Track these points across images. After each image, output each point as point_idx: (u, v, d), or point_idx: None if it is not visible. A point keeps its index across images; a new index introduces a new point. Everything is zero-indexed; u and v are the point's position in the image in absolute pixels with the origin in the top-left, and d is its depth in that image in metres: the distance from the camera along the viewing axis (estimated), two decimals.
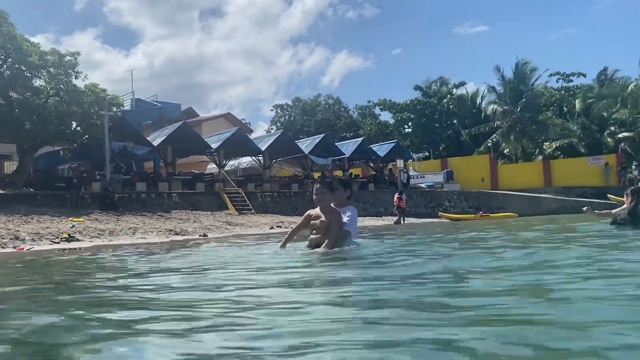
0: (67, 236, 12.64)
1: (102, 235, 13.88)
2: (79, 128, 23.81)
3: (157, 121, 31.58)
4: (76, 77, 23.25)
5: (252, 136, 35.98)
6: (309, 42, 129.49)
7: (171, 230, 15.58)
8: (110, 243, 12.41)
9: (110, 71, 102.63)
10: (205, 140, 28.09)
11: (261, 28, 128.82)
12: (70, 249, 10.60)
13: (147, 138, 26.97)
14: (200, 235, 14.82)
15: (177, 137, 26.16)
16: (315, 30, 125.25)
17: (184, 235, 15.06)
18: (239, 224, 18.77)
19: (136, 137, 25.59)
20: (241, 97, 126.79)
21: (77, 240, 12.65)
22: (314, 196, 5.34)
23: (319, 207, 5.39)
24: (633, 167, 37.55)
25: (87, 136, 23.80)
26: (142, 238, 13.90)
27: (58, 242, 12.08)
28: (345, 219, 5.33)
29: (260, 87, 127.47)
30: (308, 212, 5.57)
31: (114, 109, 24.00)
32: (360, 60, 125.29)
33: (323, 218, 5.30)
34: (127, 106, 34.04)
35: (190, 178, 26.82)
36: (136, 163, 29.88)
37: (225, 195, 24.21)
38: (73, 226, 14.55)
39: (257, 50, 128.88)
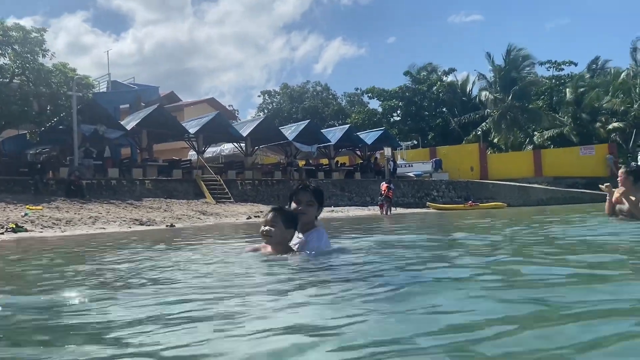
0: (13, 226, 11.36)
1: (57, 225, 12.61)
2: (47, 110, 22.34)
3: (134, 105, 30.05)
4: (43, 56, 21.76)
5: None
6: (303, 29, 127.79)
7: (136, 220, 14.34)
8: (58, 234, 11.13)
9: (99, 55, 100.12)
10: (183, 125, 26.69)
11: (254, 13, 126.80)
12: None
13: (122, 122, 25.50)
14: (167, 226, 13.61)
15: (152, 121, 24.75)
16: (310, 16, 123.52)
17: (150, 225, 13.84)
18: (214, 214, 17.56)
19: (108, 120, 24.13)
20: (232, 83, 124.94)
21: (26, 230, 11.37)
22: (263, 227, 3.86)
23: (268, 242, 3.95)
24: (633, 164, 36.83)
25: (55, 119, 22.35)
26: (101, 228, 12.66)
27: (2, 233, 10.80)
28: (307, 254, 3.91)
29: (252, 74, 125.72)
30: (254, 247, 4.13)
31: (85, 89, 22.49)
32: (354, 48, 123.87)
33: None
34: (103, 88, 32.52)
35: (166, 164, 25.44)
36: (111, 148, 28.39)
37: (203, 183, 22.93)
38: (25, 214, 13.23)
39: (249, 36, 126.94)
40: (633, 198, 6.72)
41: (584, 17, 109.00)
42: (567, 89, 46.62)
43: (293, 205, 4.05)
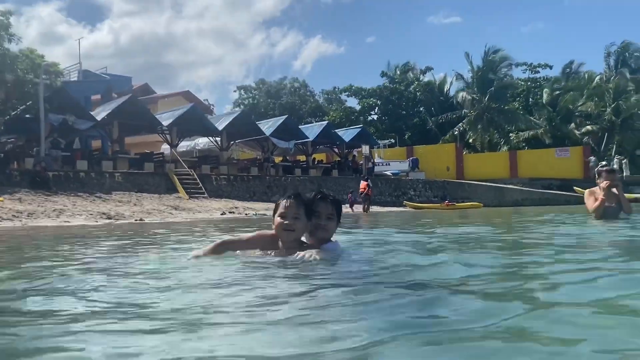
0: None
1: (18, 217, 11.89)
2: (14, 100, 21.39)
3: (106, 95, 29.09)
4: (9, 41, 20.79)
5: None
6: (283, 25, 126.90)
7: (104, 214, 13.67)
8: (18, 226, 10.45)
9: (73, 46, 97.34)
10: (157, 117, 25.88)
11: (234, 8, 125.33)
12: None
13: (92, 113, 24.57)
14: (136, 220, 12.98)
15: (124, 112, 23.90)
16: (290, 13, 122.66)
17: (118, 219, 13.19)
18: (186, 209, 16.97)
19: (78, 110, 23.20)
20: (210, 79, 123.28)
21: None
22: (282, 219, 3.28)
23: (279, 238, 3.37)
24: (616, 159, 37.46)
25: (21, 107, 21.38)
26: (65, 222, 11.98)
27: None
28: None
29: (230, 70, 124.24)
30: (261, 233, 3.55)
31: (53, 77, 21.56)
32: (334, 47, 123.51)
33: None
34: (73, 78, 31.44)
35: (138, 157, 24.60)
36: (81, 140, 27.39)
37: (176, 177, 22.22)
38: None
39: (228, 31, 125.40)
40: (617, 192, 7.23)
41: (560, 22, 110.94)
42: (544, 91, 47.10)
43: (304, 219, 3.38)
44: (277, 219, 3.31)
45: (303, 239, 3.47)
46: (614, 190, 7.21)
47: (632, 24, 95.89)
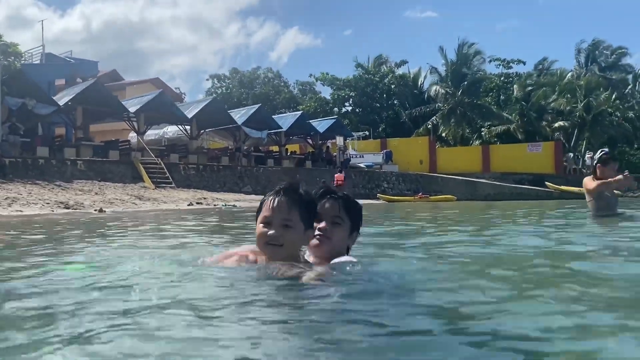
0: None
1: None
2: None
3: (70, 80, 27.85)
4: None
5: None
6: (259, 15, 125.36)
7: (61, 203, 12.88)
8: None
9: (42, 31, 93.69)
10: (123, 103, 24.87)
11: None
12: None
13: (55, 97, 23.43)
14: (96, 210, 12.24)
15: (88, 97, 22.84)
16: (267, 3, 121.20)
17: (76, 208, 12.43)
18: (151, 199, 16.24)
19: (39, 94, 22.05)
20: (184, 67, 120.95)
21: None
22: (265, 229, 2.27)
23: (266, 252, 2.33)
24: (587, 156, 37.89)
25: None
26: (18, 211, 11.17)
27: None
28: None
29: (205, 59, 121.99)
30: (242, 251, 2.45)
31: (12, 58, 20.42)
32: (310, 38, 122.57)
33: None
34: (36, 60, 30.06)
35: (102, 145, 23.62)
36: (43, 126, 26.22)
37: (142, 166, 21.34)
38: None
39: (203, 19, 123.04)
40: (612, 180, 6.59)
41: (534, 20, 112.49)
42: (515, 86, 47.38)
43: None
44: (259, 227, 2.27)
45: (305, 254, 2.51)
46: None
47: (603, 22, 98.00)
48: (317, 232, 2.44)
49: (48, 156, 20.52)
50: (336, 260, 2.43)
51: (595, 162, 6.68)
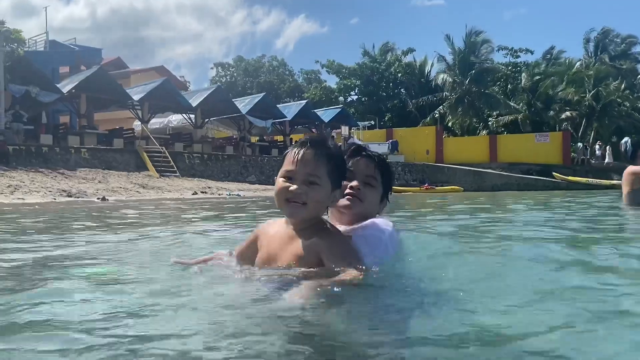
0: None
1: None
2: None
3: (74, 68, 27.66)
4: None
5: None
6: (265, 3, 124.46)
7: (64, 191, 12.74)
8: None
9: (48, 19, 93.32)
10: (127, 91, 24.66)
11: None
12: None
13: (59, 85, 23.25)
14: (98, 199, 12.08)
15: (92, 84, 22.67)
16: None
17: (79, 197, 12.28)
18: (155, 188, 16.09)
19: (43, 81, 21.88)
20: (189, 56, 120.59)
21: None
22: (286, 184, 1.99)
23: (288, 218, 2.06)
24: (597, 146, 37.50)
25: None
26: (19, 199, 11.03)
27: None
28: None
29: (210, 47, 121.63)
30: (260, 230, 2.20)
31: (14, 45, 20.22)
32: (317, 27, 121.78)
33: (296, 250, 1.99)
34: (40, 48, 29.85)
35: (107, 133, 23.46)
36: (48, 114, 26.05)
37: (146, 155, 21.18)
38: None
39: (209, 7, 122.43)
40: None
41: (542, 8, 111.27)
42: (523, 76, 46.83)
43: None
44: (279, 181, 2.01)
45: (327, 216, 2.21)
46: None
47: (612, 11, 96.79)
48: (347, 191, 2.20)
49: (52, 144, 20.38)
50: (366, 223, 2.15)
51: (631, 149, 6.45)
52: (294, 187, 1.94)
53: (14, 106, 21.03)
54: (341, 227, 2.14)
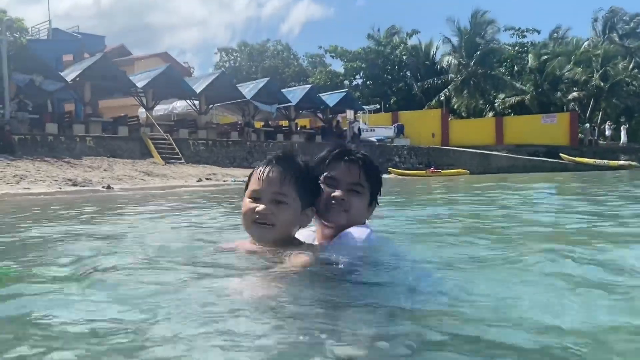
0: None
1: None
2: None
3: (78, 56, 27.60)
4: None
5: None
6: None
7: (70, 180, 12.80)
8: None
9: (52, 6, 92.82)
10: (131, 78, 24.61)
11: None
12: None
13: (63, 73, 23.23)
14: (103, 187, 12.14)
15: (95, 72, 22.62)
16: None
17: (84, 186, 12.34)
18: (160, 175, 16.14)
19: (46, 70, 21.86)
20: (194, 42, 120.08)
21: None
22: (253, 205, 1.95)
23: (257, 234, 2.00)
24: (607, 126, 37.21)
25: None
26: (25, 189, 11.10)
27: None
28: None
29: (215, 32, 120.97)
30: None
31: (18, 34, 20.17)
32: (323, 9, 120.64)
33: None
34: (43, 36, 29.79)
35: (111, 121, 23.48)
36: (53, 103, 26.08)
37: (150, 142, 21.21)
38: None
39: None
40: None
41: None
42: (530, 56, 46.28)
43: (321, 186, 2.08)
44: (246, 202, 1.94)
45: (302, 233, 2.11)
46: None
47: None
48: (332, 202, 2.04)
49: (57, 133, 20.43)
50: (340, 235, 2.03)
51: None
52: (260, 207, 1.88)
53: (18, 95, 21.07)
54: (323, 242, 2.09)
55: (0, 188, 10.86)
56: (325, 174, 2.08)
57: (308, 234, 2.17)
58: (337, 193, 2.04)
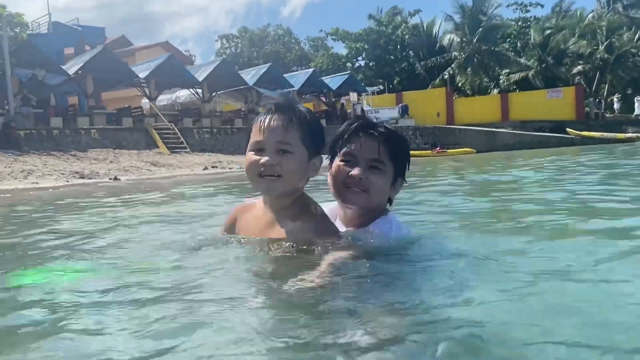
0: None
1: None
2: None
3: (79, 48, 27.56)
4: None
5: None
6: None
7: (77, 173, 12.88)
8: None
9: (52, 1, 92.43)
10: (133, 69, 24.57)
11: None
12: None
13: (65, 67, 23.23)
14: (110, 179, 12.21)
15: (97, 64, 22.60)
16: None
17: (91, 178, 12.41)
18: (166, 165, 16.20)
19: (48, 64, 21.87)
20: (195, 29, 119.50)
21: None
22: (258, 156, 1.87)
23: (262, 199, 2.01)
24: (615, 99, 36.85)
25: None
26: (33, 183, 11.18)
27: None
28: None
29: (216, 19, 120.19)
30: (237, 211, 2.15)
31: (17, 29, 20.15)
32: None
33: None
34: (43, 30, 29.75)
35: (115, 112, 23.51)
36: (56, 96, 26.09)
37: (155, 132, 21.24)
38: None
39: None
40: None
41: None
42: (533, 31, 45.71)
43: (337, 162, 1.99)
44: (249, 155, 1.87)
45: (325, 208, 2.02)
46: None
47: None
48: (349, 182, 1.92)
49: (62, 126, 20.49)
50: (374, 225, 1.93)
51: None
52: (265, 159, 1.80)
53: (21, 90, 21.11)
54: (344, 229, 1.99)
55: (9, 183, 10.96)
56: (343, 149, 1.96)
57: (330, 208, 2.06)
58: (355, 171, 1.92)
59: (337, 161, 1.98)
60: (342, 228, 2.00)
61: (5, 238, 3.58)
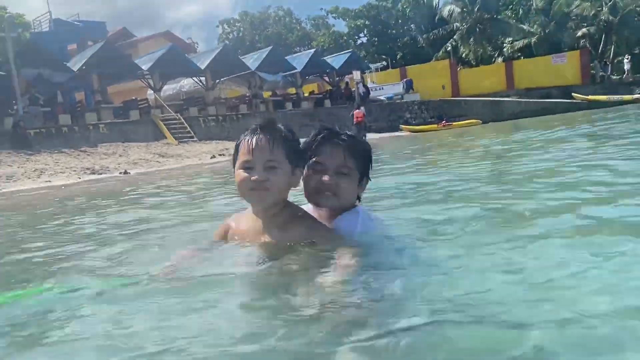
0: None
1: None
2: None
3: (82, 44, 27.77)
4: None
5: None
6: None
7: (88, 169, 13.23)
8: None
9: None
10: (135, 61, 24.78)
11: None
12: None
13: (69, 63, 23.49)
14: (120, 173, 12.54)
15: (100, 59, 22.82)
16: None
17: (102, 173, 12.76)
18: (174, 155, 16.50)
19: (52, 62, 22.15)
20: (197, 15, 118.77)
21: None
22: (247, 174, 2.07)
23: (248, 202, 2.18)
24: (625, 60, 36.34)
25: None
26: (46, 182, 11.54)
27: None
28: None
29: (218, 3, 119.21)
30: (229, 222, 2.37)
31: (20, 30, 20.41)
32: None
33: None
34: (44, 28, 29.98)
35: (122, 106, 23.80)
36: (63, 94, 26.42)
37: (162, 123, 21.54)
38: None
39: None
40: None
41: None
42: None
43: (308, 170, 2.20)
44: (239, 173, 2.06)
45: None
46: None
47: None
48: (321, 187, 2.15)
49: (70, 123, 20.84)
50: (342, 216, 2.17)
51: None
52: (255, 176, 2.01)
53: (29, 90, 21.45)
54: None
55: (23, 183, 11.32)
56: (312, 159, 2.18)
57: (309, 207, 2.29)
58: (325, 178, 2.14)
59: (308, 170, 2.20)
60: None
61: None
